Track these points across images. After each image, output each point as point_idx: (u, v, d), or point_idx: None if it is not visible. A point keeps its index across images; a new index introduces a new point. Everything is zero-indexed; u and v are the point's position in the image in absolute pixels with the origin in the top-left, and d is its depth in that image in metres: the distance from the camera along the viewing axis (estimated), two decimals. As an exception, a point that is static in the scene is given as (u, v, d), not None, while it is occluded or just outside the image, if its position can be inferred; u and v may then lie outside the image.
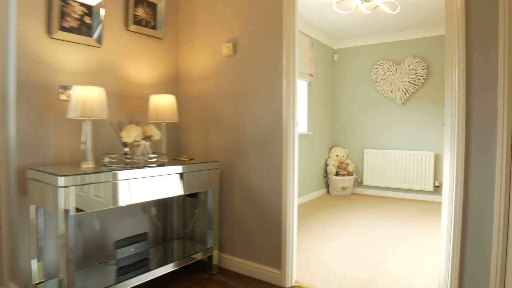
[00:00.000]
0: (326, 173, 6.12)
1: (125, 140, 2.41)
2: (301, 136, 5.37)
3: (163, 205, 3.14)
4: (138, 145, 2.47)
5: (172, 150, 3.26)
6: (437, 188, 5.52)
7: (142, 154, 2.44)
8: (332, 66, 6.39)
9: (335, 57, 6.40)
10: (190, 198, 3.14)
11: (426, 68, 5.56)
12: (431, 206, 5.15)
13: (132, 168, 2.25)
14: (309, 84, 5.56)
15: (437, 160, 5.52)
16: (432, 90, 5.54)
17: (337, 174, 6.03)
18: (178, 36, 3.28)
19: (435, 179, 5.54)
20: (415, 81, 5.63)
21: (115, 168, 2.22)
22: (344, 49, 6.34)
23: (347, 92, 6.32)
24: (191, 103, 3.19)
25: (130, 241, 2.60)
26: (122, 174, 2.16)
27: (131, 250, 2.58)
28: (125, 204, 2.19)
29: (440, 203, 5.28)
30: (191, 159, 2.88)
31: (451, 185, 1.98)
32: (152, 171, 2.34)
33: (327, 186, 6.19)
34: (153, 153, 2.53)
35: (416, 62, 5.63)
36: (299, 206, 5.13)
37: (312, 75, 5.50)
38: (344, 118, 6.36)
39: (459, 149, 1.92)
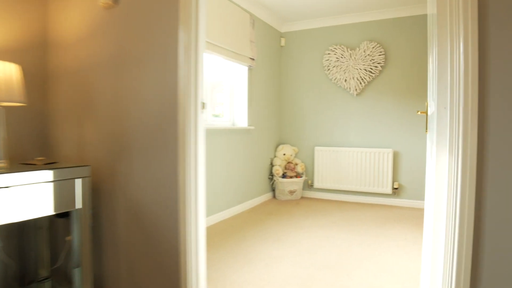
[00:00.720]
0: (271, 175, 5.28)
1: None
2: (240, 131, 4.48)
3: (16, 230, 2.12)
4: None
5: (37, 149, 2.23)
6: (396, 191, 4.84)
7: None
8: (279, 51, 5.56)
9: (282, 41, 5.57)
10: (61, 219, 2.14)
11: (383, 54, 4.87)
12: (390, 212, 4.46)
13: None
14: (250, 69, 4.68)
15: (396, 159, 4.85)
16: (390, 78, 4.86)
17: (284, 175, 5.20)
18: (46, -17, 2.26)
19: (393, 180, 4.86)
20: (371, 68, 4.92)
21: None
22: (293, 32, 5.52)
23: (296, 81, 5.51)
24: (62, 80, 2.18)
25: None
26: None
27: None
28: None
29: (400, 208, 4.60)
30: (53, 162, 1.89)
31: (452, 203, 1.15)
32: None
33: (273, 190, 5.36)
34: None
35: (373, 47, 4.92)
36: (237, 217, 4.24)
37: (253, 59, 4.63)
38: (292, 111, 5.55)
39: (467, 146, 1.09)
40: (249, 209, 4.63)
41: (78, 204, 1.81)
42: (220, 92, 4.61)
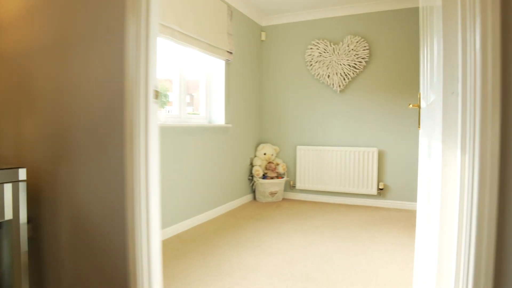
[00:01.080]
0: (251, 176, 5.00)
1: None
2: (217, 129, 4.19)
3: None
4: None
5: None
6: (381, 191, 4.63)
7: None
8: (259, 46, 5.28)
9: (263, 35, 5.30)
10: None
11: (368, 49, 4.65)
12: (375, 214, 4.24)
13: None
14: (228, 63, 4.39)
15: (381, 158, 4.64)
16: (375, 74, 4.64)
17: (264, 176, 4.93)
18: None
19: (379, 180, 4.65)
20: (355, 64, 4.70)
21: None
22: (274, 26, 5.26)
23: (277, 77, 5.25)
24: (-1, 67, 1.86)
25: None
26: None
27: None
28: None
29: (385, 209, 4.38)
30: (-20, 164, 1.57)
31: (467, 211, 0.89)
32: None
33: (254, 191, 5.08)
34: None
35: (357, 42, 4.70)
36: (213, 222, 3.94)
37: (231, 53, 4.34)
38: (273, 108, 5.29)
39: (486, 140, 0.83)
40: (226, 212, 4.34)
41: (8, 214, 1.49)
42: (196, 88, 4.32)
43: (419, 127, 1.97)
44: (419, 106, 1.97)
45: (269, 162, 5.02)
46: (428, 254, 1.36)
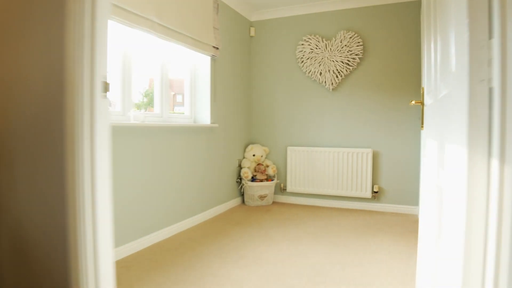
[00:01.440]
0: (239, 178, 4.75)
1: None
2: (202, 129, 3.94)
3: None
4: None
5: None
6: (376, 194, 4.41)
7: None
8: (248, 42, 5.04)
9: (252, 31, 5.06)
10: None
11: (362, 45, 4.43)
12: (370, 218, 4.01)
13: None
14: (214, 60, 4.14)
15: (376, 159, 4.42)
16: (369, 71, 4.42)
17: (253, 179, 4.69)
18: None
19: (373, 183, 4.43)
20: (348, 60, 4.47)
21: None
22: (263, 21, 5.02)
23: (267, 74, 5.00)
24: None
25: None
26: None
27: None
28: None
29: (380, 213, 4.16)
30: None
31: (505, 240, 0.65)
32: None
33: (242, 195, 4.83)
34: None
35: (350, 37, 4.47)
36: (198, 228, 3.69)
37: (217, 48, 4.09)
38: (262, 107, 5.04)
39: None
40: (213, 217, 4.09)
41: None
42: (180, 85, 4.07)
43: (422, 127, 1.74)
44: (422, 103, 1.74)
45: (258, 164, 4.78)
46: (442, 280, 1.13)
